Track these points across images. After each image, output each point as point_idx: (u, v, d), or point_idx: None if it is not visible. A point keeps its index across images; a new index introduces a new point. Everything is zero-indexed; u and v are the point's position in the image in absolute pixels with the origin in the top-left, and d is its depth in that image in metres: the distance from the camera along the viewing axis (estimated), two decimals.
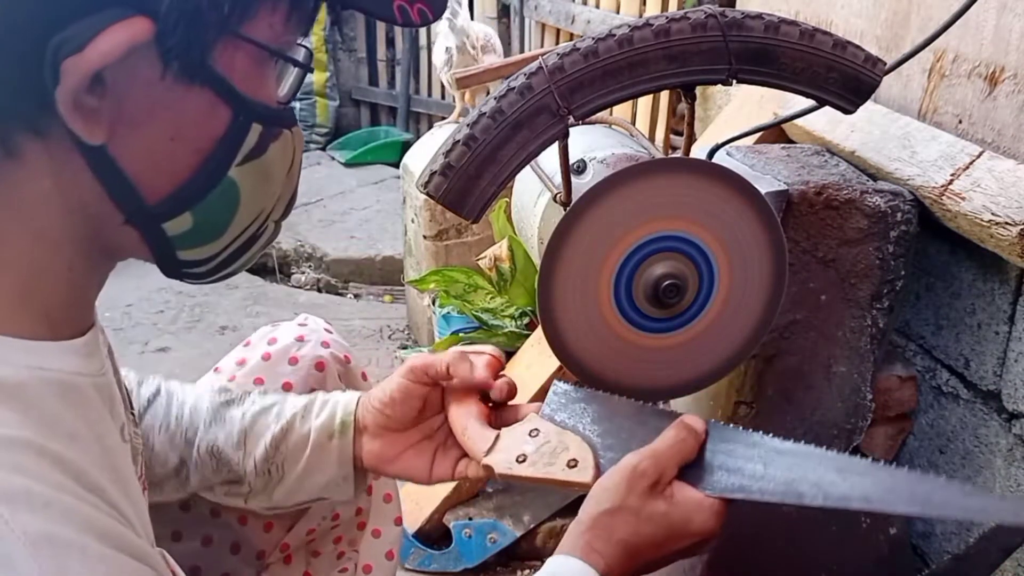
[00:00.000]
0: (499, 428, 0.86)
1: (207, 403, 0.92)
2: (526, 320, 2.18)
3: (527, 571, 1.77)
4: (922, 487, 0.71)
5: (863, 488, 0.73)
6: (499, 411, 0.90)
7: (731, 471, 0.78)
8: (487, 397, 0.89)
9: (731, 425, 0.81)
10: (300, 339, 1.02)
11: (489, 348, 0.92)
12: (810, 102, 1.01)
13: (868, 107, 1.23)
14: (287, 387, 0.99)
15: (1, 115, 0.55)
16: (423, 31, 4.28)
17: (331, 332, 1.05)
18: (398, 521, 1.09)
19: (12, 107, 0.55)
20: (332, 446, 0.91)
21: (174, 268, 0.65)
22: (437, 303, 2.38)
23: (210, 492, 0.92)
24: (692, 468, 0.78)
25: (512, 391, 0.89)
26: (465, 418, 0.87)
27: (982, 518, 0.75)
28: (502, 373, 0.90)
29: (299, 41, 0.64)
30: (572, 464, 0.80)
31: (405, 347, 2.77)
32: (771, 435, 0.80)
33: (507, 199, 1.97)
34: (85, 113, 0.54)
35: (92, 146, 0.56)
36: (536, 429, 0.84)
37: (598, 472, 0.80)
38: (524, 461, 0.81)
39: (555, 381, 0.90)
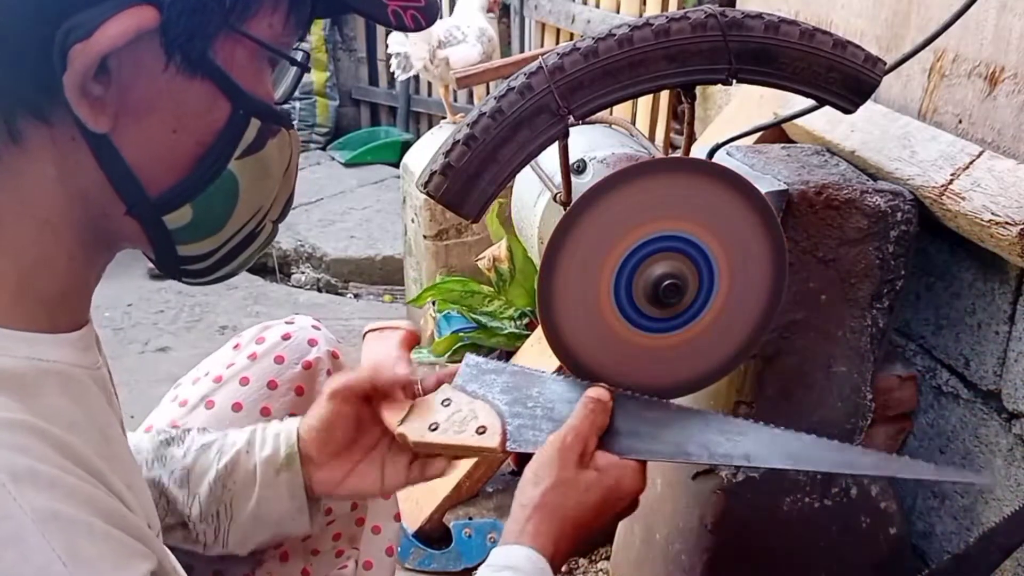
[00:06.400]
0: (414, 398, 0.90)
1: (147, 444, 0.91)
2: (526, 321, 2.18)
3: None
4: (795, 445, 0.81)
5: (744, 447, 0.81)
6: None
7: (629, 435, 0.85)
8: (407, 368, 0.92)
9: (630, 393, 0.88)
10: (286, 337, 1.02)
11: (404, 323, 0.94)
12: (810, 102, 1.01)
13: (868, 107, 1.23)
14: (272, 385, 0.99)
15: (8, 101, 0.56)
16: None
17: (319, 329, 1.05)
18: (397, 517, 1.09)
19: (19, 93, 0.56)
20: (281, 480, 0.89)
21: (172, 264, 0.66)
22: (436, 304, 2.39)
23: (168, 535, 0.89)
24: (604, 436, 0.84)
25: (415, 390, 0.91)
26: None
27: (847, 470, 0.86)
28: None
29: (297, 44, 0.65)
30: (481, 431, 0.85)
31: None
32: (668, 401, 0.88)
33: (502, 201, 1.98)
34: (91, 100, 0.56)
35: (96, 134, 0.57)
36: (448, 399, 0.88)
37: (504, 437, 0.84)
38: (436, 429, 0.85)
39: (467, 354, 0.94)
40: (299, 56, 0.66)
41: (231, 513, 0.90)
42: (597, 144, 1.32)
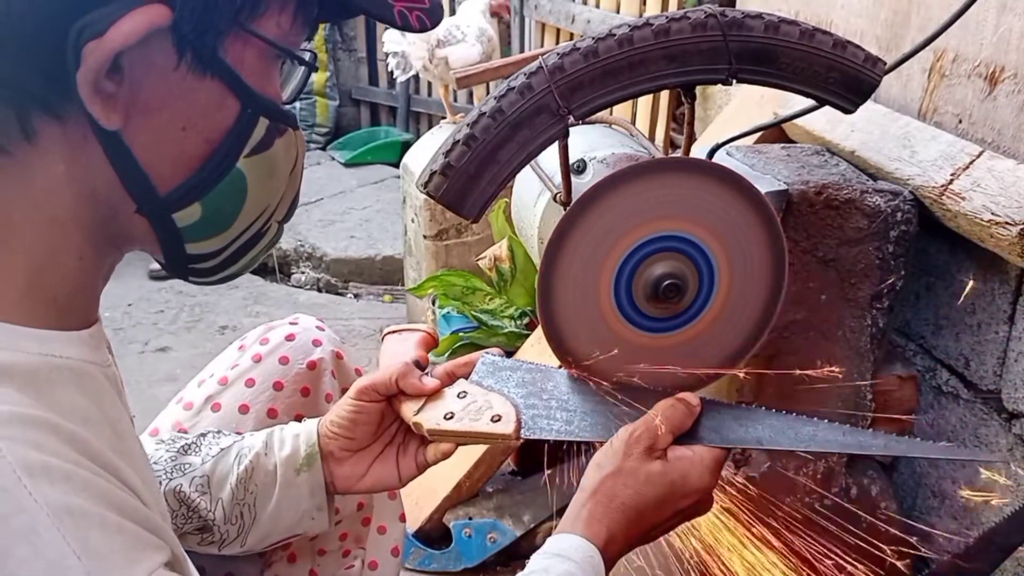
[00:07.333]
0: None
1: (164, 454, 0.91)
2: (526, 320, 2.18)
3: None
4: (807, 428, 0.82)
5: (756, 433, 0.83)
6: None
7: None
8: (421, 366, 0.92)
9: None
10: (290, 338, 1.02)
11: (423, 326, 0.94)
12: (810, 102, 1.01)
13: (868, 107, 1.23)
14: (278, 386, 1.00)
15: (22, 98, 0.56)
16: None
17: (323, 329, 1.05)
18: (402, 518, 1.09)
19: (33, 91, 0.56)
20: (301, 480, 0.91)
21: (181, 263, 0.67)
22: (437, 303, 2.39)
23: (183, 540, 0.90)
24: (685, 437, 0.83)
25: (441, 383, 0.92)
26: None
27: (857, 451, 0.86)
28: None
29: (304, 45, 0.66)
30: (496, 419, 0.85)
31: None
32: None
33: (506, 199, 1.97)
34: (103, 97, 0.56)
35: (108, 131, 0.57)
36: (464, 391, 0.89)
37: (519, 425, 0.85)
38: (451, 418, 0.87)
39: (483, 352, 0.94)
40: (307, 56, 0.66)
41: (255, 512, 0.91)
42: (597, 144, 1.32)
